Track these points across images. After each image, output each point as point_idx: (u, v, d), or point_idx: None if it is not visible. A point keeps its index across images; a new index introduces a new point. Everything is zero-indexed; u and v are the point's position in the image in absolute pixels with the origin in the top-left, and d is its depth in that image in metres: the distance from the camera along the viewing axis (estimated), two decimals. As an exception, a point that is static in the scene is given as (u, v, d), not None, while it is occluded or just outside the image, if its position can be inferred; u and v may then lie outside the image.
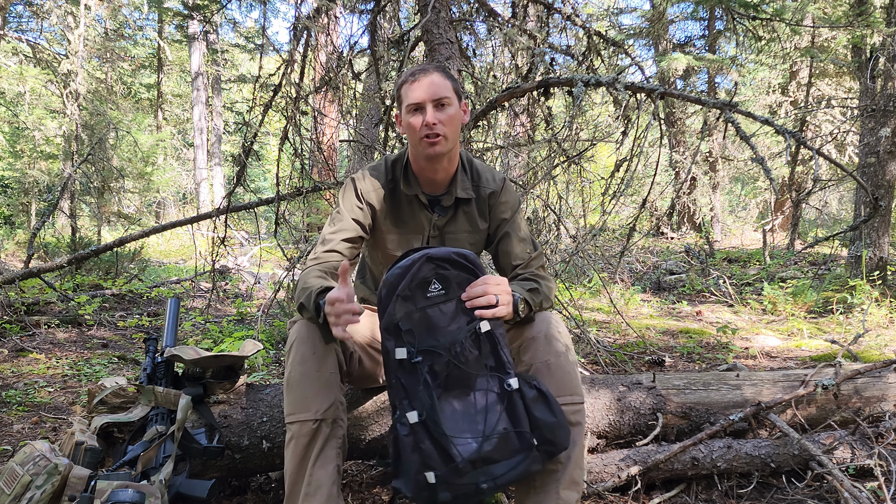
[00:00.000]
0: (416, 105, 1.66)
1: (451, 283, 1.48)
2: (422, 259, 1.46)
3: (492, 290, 1.48)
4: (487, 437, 1.41)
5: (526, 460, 1.44)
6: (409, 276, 1.44)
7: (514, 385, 1.46)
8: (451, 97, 1.68)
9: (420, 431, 1.40)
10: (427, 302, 1.46)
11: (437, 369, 1.44)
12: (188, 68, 16.28)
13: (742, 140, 2.75)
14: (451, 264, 1.48)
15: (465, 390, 1.47)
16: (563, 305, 3.87)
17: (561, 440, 1.48)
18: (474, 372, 1.46)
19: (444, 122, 1.66)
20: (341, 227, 1.75)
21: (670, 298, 6.21)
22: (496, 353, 1.48)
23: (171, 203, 16.38)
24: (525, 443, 1.44)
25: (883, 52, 5.55)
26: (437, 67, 1.70)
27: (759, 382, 2.28)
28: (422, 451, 1.39)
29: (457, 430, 1.42)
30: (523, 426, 1.44)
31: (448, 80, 1.69)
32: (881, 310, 4.72)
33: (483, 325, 1.47)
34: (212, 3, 8.38)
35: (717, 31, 11.43)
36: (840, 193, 13.15)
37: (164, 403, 1.76)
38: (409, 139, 1.72)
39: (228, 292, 6.11)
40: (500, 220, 1.83)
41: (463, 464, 1.38)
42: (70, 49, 8.17)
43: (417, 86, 1.66)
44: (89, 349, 3.82)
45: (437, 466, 1.38)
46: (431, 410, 1.40)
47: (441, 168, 1.75)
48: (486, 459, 1.41)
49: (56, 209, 7.85)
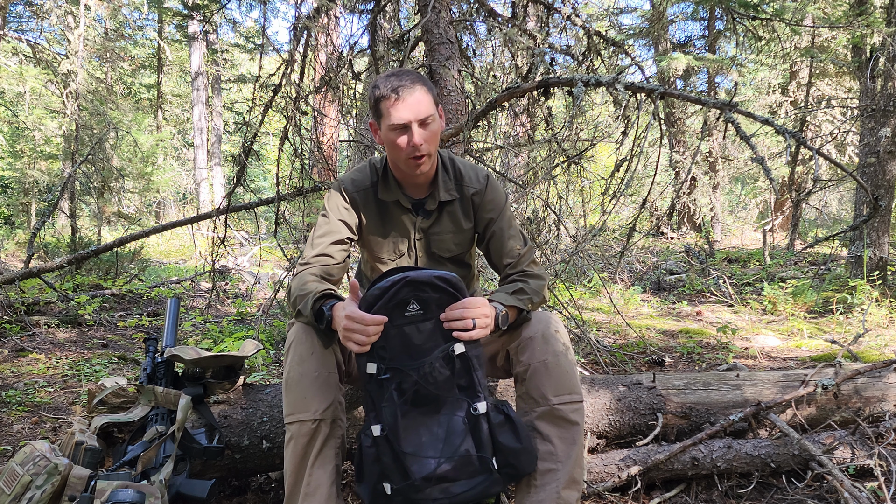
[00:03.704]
0: (402, 126, 1.63)
1: (431, 304, 1.48)
2: (401, 282, 1.45)
3: (469, 313, 1.47)
4: (448, 457, 1.45)
5: (486, 482, 1.48)
6: (387, 297, 1.45)
7: (480, 409, 1.48)
8: (434, 113, 1.66)
9: (382, 445, 1.45)
10: (404, 320, 1.47)
11: (405, 387, 1.46)
12: (188, 68, 16.29)
13: (742, 140, 2.75)
14: (431, 288, 1.48)
15: (432, 409, 1.49)
16: (563, 305, 3.87)
17: (524, 465, 1.52)
18: (443, 393, 1.48)
19: (429, 140, 1.65)
20: (329, 230, 1.75)
21: (670, 298, 6.21)
22: (469, 375, 1.49)
23: (171, 203, 16.38)
24: (486, 466, 1.47)
25: (883, 52, 5.55)
26: (418, 78, 1.66)
27: (759, 382, 2.28)
28: (382, 464, 1.45)
29: (419, 448, 1.45)
30: (486, 451, 1.47)
31: (429, 93, 1.67)
32: (881, 310, 4.72)
33: (457, 346, 1.47)
34: (212, 3, 8.38)
35: (717, 31, 11.44)
36: (840, 193, 13.15)
37: (164, 403, 1.77)
38: (391, 154, 1.71)
39: (228, 292, 6.11)
40: (488, 219, 1.83)
41: (418, 481, 1.43)
42: (70, 49, 8.17)
43: (403, 105, 1.62)
44: (89, 349, 3.82)
45: (394, 480, 1.44)
46: (393, 427, 1.45)
47: (421, 173, 1.74)
48: (443, 478, 1.44)
49: (56, 209, 7.85)
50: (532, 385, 1.59)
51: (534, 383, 1.59)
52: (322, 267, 1.71)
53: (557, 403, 1.57)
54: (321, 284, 1.61)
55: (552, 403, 1.57)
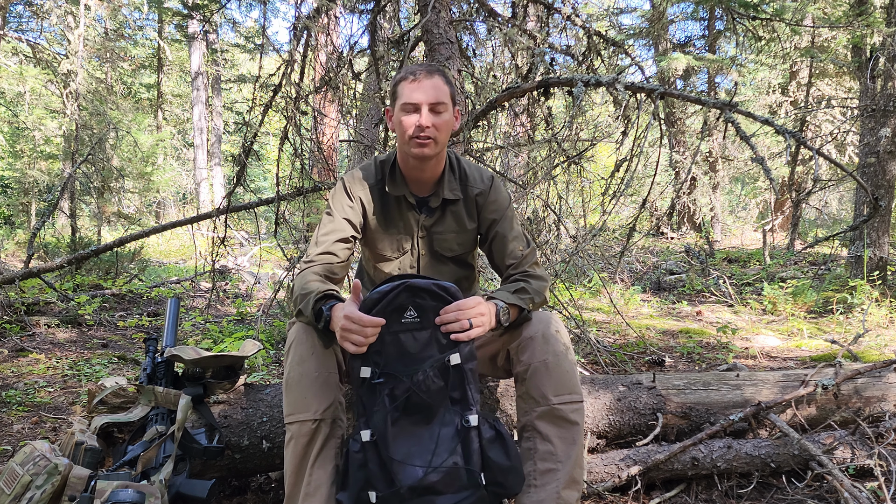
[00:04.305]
0: (413, 105, 1.66)
1: (428, 312, 1.48)
2: (400, 287, 1.46)
3: (464, 314, 1.48)
4: (435, 468, 1.43)
5: (471, 498, 1.45)
6: (385, 301, 1.45)
7: (472, 422, 1.47)
8: (447, 104, 1.69)
9: (370, 451, 1.43)
10: (400, 326, 1.47)
11: (397, 393, 1.46)
12: (188, 68, 16.28)
13: (742, 140, 2.75)
14: (430, 295, 1.48)
15: (424, 418, 1.48)
16: (563, 305, 3.87)
17: (512, 485, 1.50)
18: (435, 402, 1.48)
19: (438, 126, 1.67)
20: (333, 228, 1.76)
21: (670, 298, 6.21)
22: (462, 387, 1.49)
23: (171, 203, 16.37)
24: (473, 481, 1.45)
25: (883, 52, 5.55)
26: (439, 70, 1.70)
27: (759, 382, 2.28)
28: (368, 470, 1.43)
29: (407, 456, 1.44)
30: (474, 464, 1.46)
31: (448, 85, 1.70)
32: (881, 310, 4.72)
33: (453, 357, 1.47)
34: (212, 3, 8.38)
35: (717, 31, 11.43)
36: (840, 193, 13.14)
37: (164, 403, 1.76)
38: (399, 136, 1.73)
39: (228, 292, 6.11)
40: (491, 220, 1.84)
41: (404, 490, 1.41)
42: (70, 49, 8.17)
43: (417, 86, 1.66)
44: (89, 349, 3.82)
45: (379, 488, 1.42)
46: (383, 432, 1.44)
47: (428, 168, 1.76)
48: (429, 489, 1.42)
49: (56, 209, 7.85)
50: (532, 385, 1.60)
51: (534, 383, 1.59)
52: (325, 265, 1.71)
53: (558, 403, 1.57)
54: (323, 284, 1.61)
55: (552, 403, 1.57)
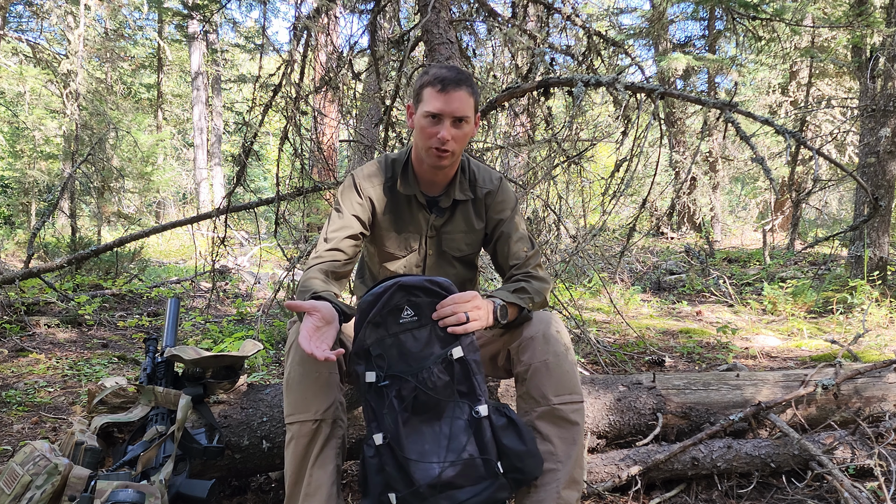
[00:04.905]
0: (437, 115, 1.65)
1: (424, 309, 1.49)
2: (393, 287, 1.47)
3: (461, 308, 1.48)
4: (452, 462, 1.43)
5: (491, 487, 1.45)
6: (381, 303, 1.46)
7: (482, 412, 1.47)
8: (470, 116, 1.69)
9: (385, 454, 1.43)
10: (399, 328, 1.47)
11: (405, 394, 1.46)
12: (188, 68, 16.28)
13: (742, 140, 2.75)
14: (423, 292, 1.49)
15: (434, 415, 1.48)
16: (563, 305, 3.87)
17: (530, 469, 1.50)
18: (443, 398, 1.48)
19: (457, 138, 1.67)
20: (343, 225, 1.76)
21: (670, 298, 6.21)
22: (468, 379, 1.49)
23: (171, 203, 16.37)
24: (490, 470, 1.45)
25: (883, 52, 5.55)
26: (467, 81, 1.67)
27: (759, 382, 2.28)
28: (385, 473, 1.43)
29: (422, 454, 1.44)
30: (490, 453, 1.46)
31: (472, 97, 1.69)
32: (881, 310, 4.72)
33: (455, 351, 1.47)
34: (212, 3, 8.39)
35: (717, 31, 11.43)
36: (840, 193, 13.14)
37: (164, 403, 1.76)
38: (417, 140, 1.73)
39: (228, 292, 6.11)
40: (497, 220, 1.85)
41: (423, 488, 1.41)
42: (70, 49, 8.17)
43: (444, 97, 1.64)
44: (89, 349, 3.82)
45: (398, 489, 1.42)
46: (395, 433, 1.44)
47: (443, 172, 1.77)
48: (448, 484, 1.43)
49: (56, 209, 7.84)
50: (533, 385, 1.60)
51: (534, 383, 1.59)
52: (332, 262, 1.72)
53: (558, 403, 1.57)
54: (323, 284, 1.61)
55: (552, 403, 1.57)
